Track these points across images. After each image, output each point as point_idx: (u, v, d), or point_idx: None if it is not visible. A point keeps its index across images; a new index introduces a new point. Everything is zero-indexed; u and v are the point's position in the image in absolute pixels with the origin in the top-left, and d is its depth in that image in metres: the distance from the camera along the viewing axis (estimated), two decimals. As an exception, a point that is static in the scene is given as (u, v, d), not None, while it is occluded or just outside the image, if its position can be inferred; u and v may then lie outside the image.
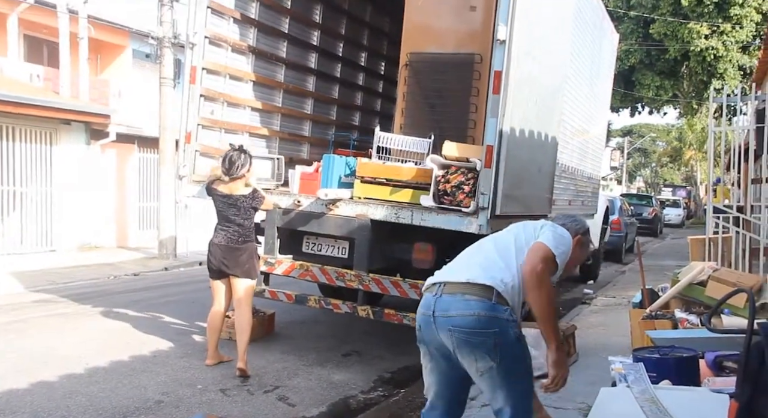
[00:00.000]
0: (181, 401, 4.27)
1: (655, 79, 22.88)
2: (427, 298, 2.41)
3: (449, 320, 2.29)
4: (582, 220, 2.94)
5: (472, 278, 2.33)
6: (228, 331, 5.85)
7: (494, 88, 4.56)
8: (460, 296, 2.31)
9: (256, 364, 5.02)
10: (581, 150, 7.70)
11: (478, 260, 2.42)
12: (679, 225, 30.50)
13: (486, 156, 4.58)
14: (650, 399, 2.72)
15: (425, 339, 2.43)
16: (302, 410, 4.26)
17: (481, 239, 2.70)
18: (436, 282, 2.40)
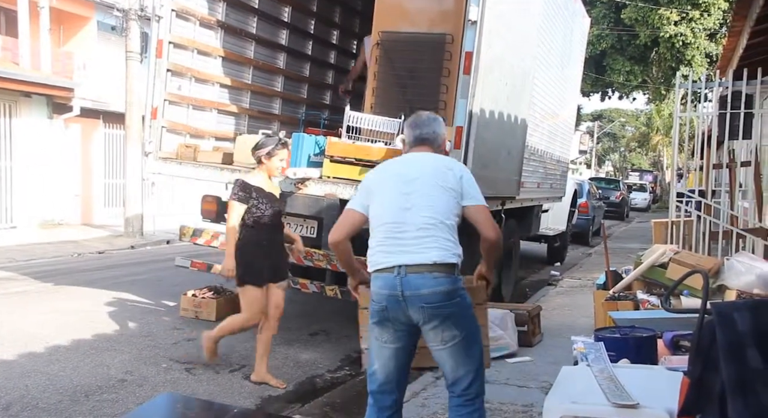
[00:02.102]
0: (145, 379, 4.24)
1: (626, 65, 23.18)
2: (387, 279, 2.50)
3: (422, 297, 2.45)
4: None
5: (439, 259, 2.49)
6: (195, 310, 5.81)
7: (465, 68, 4.55)
8: (429, 275, 2.47)
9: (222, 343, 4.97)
10: (551, 133, 7.76)
11: (432, 233, 2.52)
12: (645, 209, 31.14)
13: (455, 137, 4.58)
14: (608, 377, 2.78)
15: (390, 317, 2.53)
16: (268, 389, 4.26)
17: (400, 191, 2.59)
18: (395, 265, 2.49)
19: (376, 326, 2.57)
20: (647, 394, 2.54)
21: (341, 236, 2.67)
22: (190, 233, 5.64)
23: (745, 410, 1.90)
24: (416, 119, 2.81)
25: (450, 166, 2.71)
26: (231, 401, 4.00)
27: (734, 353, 1.98)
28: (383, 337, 2.56)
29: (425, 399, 4.00)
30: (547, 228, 10.05)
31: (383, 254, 2.54)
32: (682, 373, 2.47)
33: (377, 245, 2.57)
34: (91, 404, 3.81)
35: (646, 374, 2.94)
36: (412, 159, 2.74)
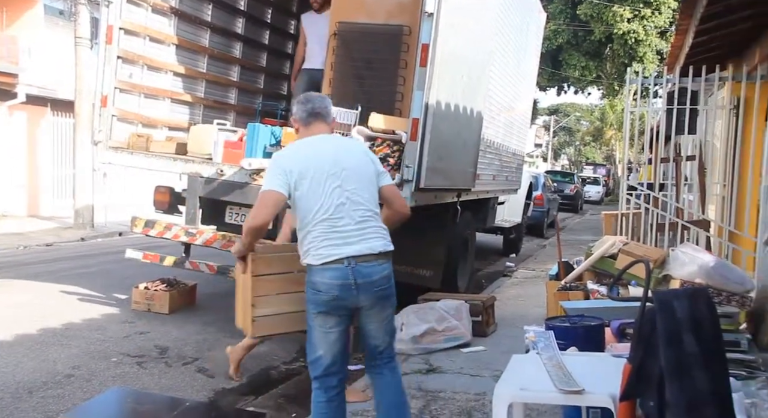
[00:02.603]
0: (93, 374, 4.14)
1: (581, 60, 23.65)
2: (339, 270, 2.67)
3: (373, 283, 2.72)
4: None
5: (383, 249, 2.75)
6: (147, 303, 5.70)
7: (421, 61, 4.57)
8: (376, 264, 2.73)
9: (175, 336, 4.92)
10: (507, 126, 7.87)
11: (371, 224, 2.74)
12: (598, 202, 31.92)
13: (411, 129, 4.60)
14: (557, 364, 2.86)
15: (341, 305, 2.71)
16: (222, 382, 4.22)
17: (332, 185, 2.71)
18: (344, 257, 2.66)
19: (321, 314, 2.71)
20: (593, 380, 2.62)
21: (269, 219, 2.72)
22: (142, 225, 5.52)
23: (681, 393, 1.98)
24: (306, 96, 2.92)
25: (365, 151, 2.94)
26: (184, 394, 3.95)
27: (672, 339, 2.06)
28: (328, 324, 2.72)
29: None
30: (503, 220, 10.21)
31: (330, 247, 2.66)
32: (625, 359, 2.54)
33: (321, 239, 2.67)
34: (34, 401, 3.69)
35: (593, 360, 3.04)
36: (331, 146, 2.83)
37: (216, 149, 5.49)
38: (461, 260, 6.78)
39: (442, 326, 4.95)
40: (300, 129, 2.89)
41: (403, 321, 5.02)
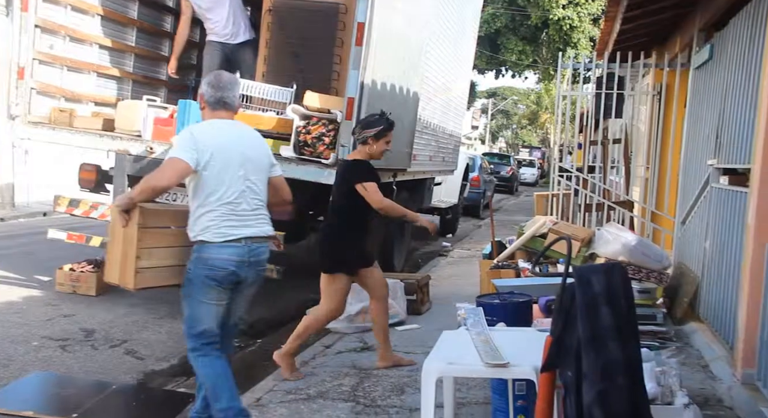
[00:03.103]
0: (11, 359, 3.95)
1: (518, 44, 24.06)
2: (237, 248, 2.88)
3: (261, 262, 3.00)
4: None
5: (270, 232, 3.06)
6: (72, 285, 5.49)
7: (357, 39, 4.54)
8: (265, 245, 3.03)
9: (102, 318, 4.77)
10: (444, 107, 7.94)
11: (262, 211, 3.00)
12: (533, 183, 32.81)
13: (347, 108, 4.58)
14: (484, 339, 2.95)
15: (233, 280, 2.90)
16: (151, 364, 4.13)
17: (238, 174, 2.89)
18: (241, 237, 2.88)
19: (214, 289, 2.87)
20: (518, 353, 2.72)
21: (172, 184, 2.88)
22: (66, 203, 5.29)
23: (596, 363, 2.09)
24: (219, 80, 2.97)
25: (265, 143, 3.15)
26: (111, 377, 3.84)
27: (590, 312, 2.16)
28: (219, 297, 2.91)
29: (314, 368, 4.05)
30: (440, 201, 10.34)
31: (231, 228, 2.86)
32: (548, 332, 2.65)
33: (223, 220, 2.85)
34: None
35: (519, 335, 3.15)
36: (243, 136, 3.02)
37: (145, 126, 5.30)
38: (397, 240, 6.85)
39: (376, 304, 4.99)
40: (206, 109, 3.00)
41: (338, 300, 5.05)
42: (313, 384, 3.73)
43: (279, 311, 5.73)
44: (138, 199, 2.90)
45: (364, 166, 3.91)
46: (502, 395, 3.13)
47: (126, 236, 3.00)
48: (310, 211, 6.51)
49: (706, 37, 5.46)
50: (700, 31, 5.53)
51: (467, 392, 3.60)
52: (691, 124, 5.83)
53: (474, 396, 3.55)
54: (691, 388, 3.54)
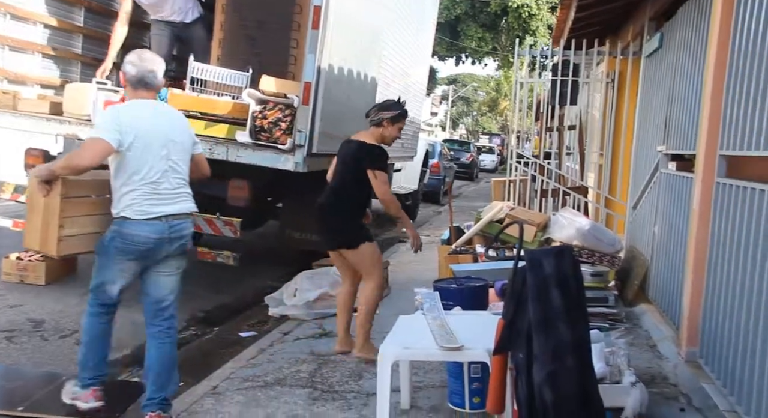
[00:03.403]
0: (-46, 352, 3.82)
1: (478, 31, 24.20)
2: (156, 225, 2.98)
3: (183, 238, 3.10)
4: None
5: (191, 210, 3.15)
6: (20, 274, 5.32)
7: (313, 23, 4.48)
8: (187, 222, 3.12)
9: (51, 308, 4.64)
10: (402, 93, 7.91)
11: (183, 190, 3.10)
12: (492, 170, 33.16)
13: (304, 93, 4.53)
14: (440, 324, 2.98)
15: (151, 256, 3.04)
16: (104, 354, 4.03)
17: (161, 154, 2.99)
18: (162, 215, 2.98)
19: (128, 262, 3.01)
20: (473, 336, 2.76)
21: (94, 164, 2.94)
22: (12, 190, 5.09)
23: (546, 344, 2.13)
24: (140, 59, 3.05)
25: (186, 122, 3.25)
26: (61, 369, 3.74)
27: (540, 295, 2.20)
28: (131, 270, 3.05)
29: (271, 355, 4.03)
30: (400, 187, 10.36)
31: (151, 206, 2.97)
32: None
33: (144, 198, 2.96)
34: None
35: (474, 319, 3.20)
36: (164, 114, 3.12)
37: (95, 110, 5.12)
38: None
39: (335, 290, 4.98)
40: (128, 88, 3.07)
41: (297, 286, 5.03)
42: (271, 371, 3.72)
43: (237, 298, 5.68)
44: (59, 174, 3.07)
45: (380, 152, 3.90)
46: (457, 378, 3.19)
47: (48, 206, 3.10)
48: (268, 197, 6.45)
49: (656, 26, 5.58)
50: (651, 20, 5.66)
51: (424, 375, 3.64)
52: (642, 111, 5.98)
53: (431, 380, 3.59)
54: (639, 367, 3.66)
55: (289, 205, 6.10)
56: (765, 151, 2.76)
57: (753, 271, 2.82)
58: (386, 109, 3.93)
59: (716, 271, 3.33)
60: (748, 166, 3.19)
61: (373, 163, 3.83)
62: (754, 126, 2.90)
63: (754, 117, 2.91)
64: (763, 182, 2.80)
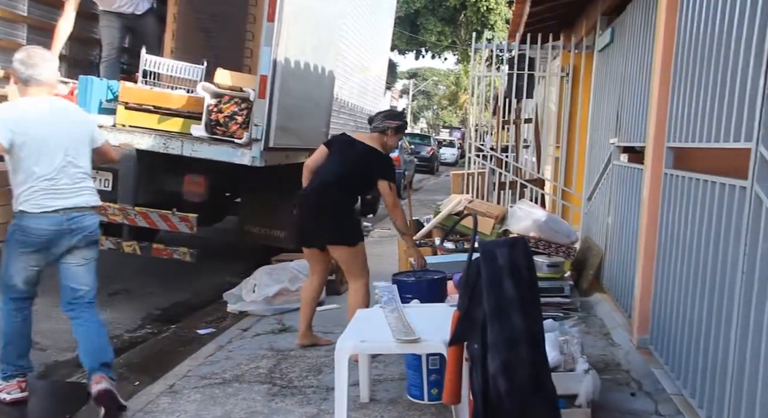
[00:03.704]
0: None
1: (437, 25, 24.32)
2: (54, 218, 3.07)
3: (85, 228, 3.18)
4: None
5: (94, 203, 3.25)
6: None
7: (269, 15, 4.42)
8: (88, 214, 3.21)
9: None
10: (361, 87, 7.92)
11: (84, 184, 3.19)
12: (453, 163, 33.36)
13: (260, 86, 4.48)
14: (398, 316, 3.00)
15: (48, 247, 3.11)
16: (54, 355, 3.94)
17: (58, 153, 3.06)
18: (60, 208, 3.06)
19: (27, 254, 3.10)
20: (430, 328, 2.78)
21: None
22: None
23: (500, 334, 2.17)
24: (28, 56, 3.09)
25: (85, 116, 3.39)
26: (9, 371, 3.62)
27: (494, 285, 2.23)
28: (32, 262, 3.13)
29: (230, 351, 3.99)
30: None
31: (49, 200, 3.05)
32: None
33: (42, 194, 3.04)
34: None
35: (431, 311, 3.22)
36: (60, 110, 3.16)
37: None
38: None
39: (295, 286, 4.97)
40: (20, 86, 3.11)
41: (255, 282, 4.98)
42: (229, 368, 3.68)
43: (194, 295, 5.59)
44: None
45: (391, 162, 3.96)
46: (416, 370, 3.21)
47: None
48: (226, 192, 6.37)
49: (608, 22, 5.70)
50: (603, 15, 5.77)
51: (384, 369, 3.66)
52: (595, 105, 6.11)
53: (390, 373, 3.61)
54: (593, 354, 3.76)
55: (248, 200, 6.04)
56: (708, 143, 2.86)
57: (698, 260, 2.92)
58: (393, 118, 3.96)
59: (665, 260, 3.43)
60: (694, 157, 3.29)
61: (387, 174, 3.85)
62: (698, 119, 3.00)
63: (698, 110, 3.01)
64: (707, 173, 2.89)
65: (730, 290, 2.55)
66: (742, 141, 2.49)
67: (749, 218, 2.40)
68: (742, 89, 2.52)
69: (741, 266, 2.44)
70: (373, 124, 3.96)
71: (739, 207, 2.51)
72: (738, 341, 2.45)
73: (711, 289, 2.76)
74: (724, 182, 2.66)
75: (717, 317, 2.68)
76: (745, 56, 2.52)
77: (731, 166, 2.65)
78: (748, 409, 2.33)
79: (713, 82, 2.84)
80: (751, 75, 2.45)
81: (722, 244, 2.66)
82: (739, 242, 2.48)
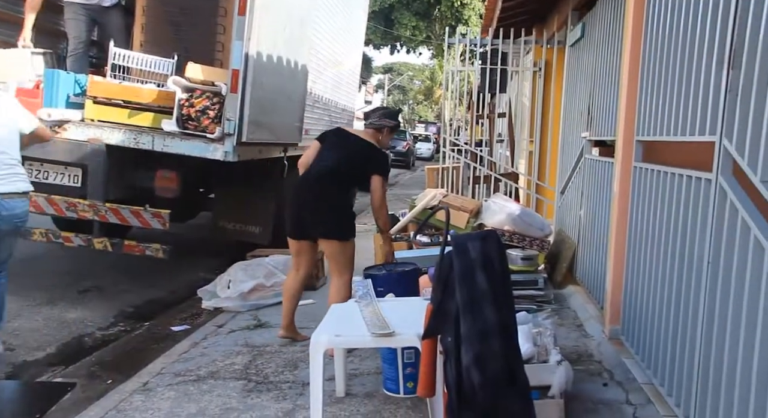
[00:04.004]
0: None
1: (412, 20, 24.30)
2: None
3: (16, 215, 3.43)
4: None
5: (26, 189, 3.48)
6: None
7: (240, 9, 4.38)
8: (20, 200, 3.44)
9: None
10: (335, 81, 7.88)
11: (15, 170, 3.43)
12: (429, 158, 33.49)
13: (232, 80, 4.43)
14: (372, 311, 3.00)
15: None
16: (24, 354, 3.86)
17: None
18: None
19: None
20: (404, 322, 2.79)
21: None
22: None
23: (473, 326, 2.18)
24: None
25: (12, 106, 3.61)
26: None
27: (466, 277, 2.25)
28: None
29: (205, 348, 3.95)
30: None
31: None
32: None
33: None
34: None
35: (405, 304, 3.23)
36: None
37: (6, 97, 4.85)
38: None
39: (270, 281, 4.95)
40: None
41: (230, 278, 4.94)
42: (204, 365, 3.65)
43: (168, 292, 5.53)
44: None
45: (387, 159, 3.98)
46: (391, 364, 3.22)
47: None
48: (199, 187, 6.29)
49: (579, 17, 5.76)
50: (574, 10, 5.83)
51: (360, 363, 3.67)
52: (567, 99, 6.18)
53: (366, 367, 3.62)
54: (566, 346, 3.81)
55: (221, 195, 5.97)
56: (675, 136, 2.91)
57: (666, 251, 2.98)
58: (391, 117, 3.98)
59: (635, 252, 3.49)
60: (662, 151, 3.35)
61: (383, 169, 3.84)
62: (665, 113, 3.05)
63: (665, 105, 3.06)
64: (675, 166, 2.95)
65: (697, 280, 2.61)
66: (706, 134, 2.54)
67: (714, 209, 2.46)
68: (706, 84, 2.57)
69: (707, 257, 2.50)
70: (369, 121, 3.96)
71: (704, 199, 2.56)
72: (704, 330, 2.51)
73: (679, 279, 2.82)
74: (691, 175, 2.72)
75: (684, 307, 2.73)
76: (708, 52, 2.58)
77: (697, 159, 2.71)
78: (714, 396, 2.39)
79: (679, 77, 2.89)
80: (714, 70, 2.50)
81: (689, 235, 2.71)
82: (705, 233, 2.54)
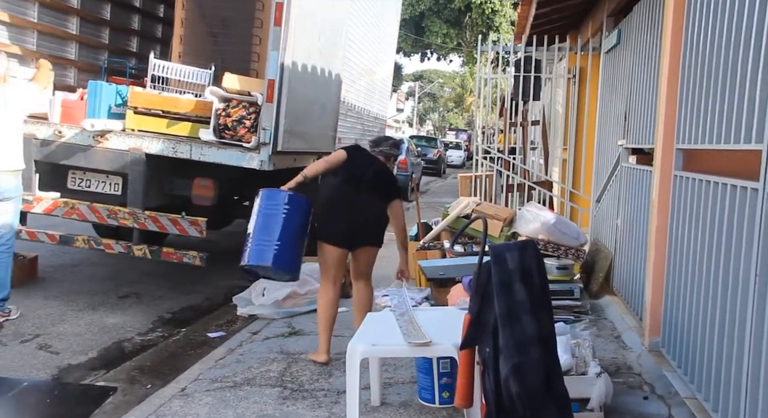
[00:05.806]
0: None
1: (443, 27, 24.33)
2: None
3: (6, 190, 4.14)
4: None
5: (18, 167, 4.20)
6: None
7: (276, 20, 4.44)
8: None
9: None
10: (368, 90, 7.93)
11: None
12: (460, 166, 33.33)
13: (268, 90, 4.49)
14: (408, 320, 3.00)
15: None
16: (68, 358, 3.95)
17: None
18: None
19: None
20: (441, 331, 2.79)
21: None
22: None
23: (511, 337, 2.16)
24: None
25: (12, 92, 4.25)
26: (23, 373, 3.65)
27: (505, 289, 2.23)
28: None
29: (241, 355, 3.99)
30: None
31: None
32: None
33: None
34: None
35: (441, 314, 3.23)
36: None
37: (52, 108, 5.01)
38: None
39: (304, 289, 4.98)
40: None
41: (265, 286, 4.99)
42: (240, 371, 3.69)
43: (204, 298, 5.61)
44: None
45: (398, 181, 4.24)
46: (427, 373, 3.21)
47: None
48: (235, 195, 6.38)
49: (614, 23, 5.69)
50: (609, 16, 5.76)
51: (394, 372, 3.66)
52: (602, 106, 6.10)
53: (401, 376, 3.61)
54: (604, 358, 3.74)
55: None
56: (718, 144, 2.85)
57: (710, 263, 2.91)
58: (398, 147, 4.18)
59: (676, 262, 3.42)
60: (703, 159, 3.28)
61: (400, 194, 4.13)
62: (708, 120, 2.99)
63: (707, 111, 3.00)
64: (717, 175, 2.88)
65: (744, 292, 2.54)
66: (753, 142, 2.48)
67: (762, 219, 2.39)
68: (752, 90, 2.51)
69: (754, 269, 2.43)
70: (380, 148, 4.04)
71: (751, 209, 2.50)
72: (753, 344, 2.44)
73: (724, 291, 2.75)
74: (736, 184, 2.65)
75: (731, 320, 2.66)
76: (754, 56, 2.52)
77: (743, 168, 2.64)
78: (765, 413, 2.32)
79: (722, 82, 2.83)
80: (761, 75, 2.44)
81: (734, 246, 2.64)
82: (752, 244, 2.47)
